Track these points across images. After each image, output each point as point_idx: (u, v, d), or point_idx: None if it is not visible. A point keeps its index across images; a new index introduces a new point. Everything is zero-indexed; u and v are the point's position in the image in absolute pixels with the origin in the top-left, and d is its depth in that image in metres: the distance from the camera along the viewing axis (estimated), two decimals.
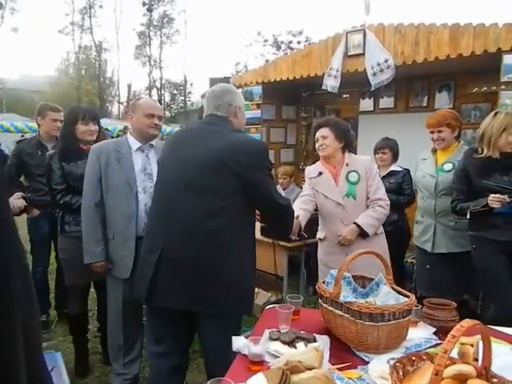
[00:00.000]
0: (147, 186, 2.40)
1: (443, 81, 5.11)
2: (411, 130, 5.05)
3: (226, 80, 6.38)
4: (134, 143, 2.46)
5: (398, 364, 1.20)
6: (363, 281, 1.83)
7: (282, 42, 27.53)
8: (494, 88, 4.22)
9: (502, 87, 3.76)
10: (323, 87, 5.01)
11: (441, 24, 4.15)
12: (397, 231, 3.51)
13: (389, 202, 2.70)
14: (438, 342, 1.56)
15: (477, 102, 4.80)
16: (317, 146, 2.77)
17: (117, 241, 2.41)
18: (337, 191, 2.69)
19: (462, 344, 1.44)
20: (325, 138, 2.70)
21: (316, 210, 2.84)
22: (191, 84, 32.82)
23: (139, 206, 2.37)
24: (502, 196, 2.49)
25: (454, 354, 1.44)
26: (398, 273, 3.67)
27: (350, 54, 4.82)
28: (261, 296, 3.49)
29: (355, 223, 2.62)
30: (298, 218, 2.51)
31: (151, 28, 32.46)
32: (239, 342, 1.55)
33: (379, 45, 4.58)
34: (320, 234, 2.86)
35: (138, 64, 32.84)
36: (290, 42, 27.30)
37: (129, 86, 33.46)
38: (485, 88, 4.72)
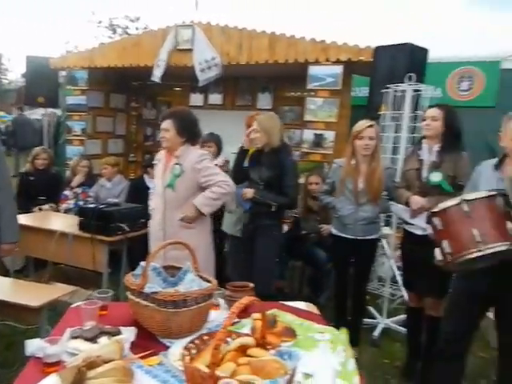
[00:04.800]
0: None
1: (265, 83, 5.58)
2: (237, 127, 5.39)
3: (45, 60, 5.75)
4: None
5: (190, 344, 1.29)
6: (173, 270, 1.89)
7: (118, 26, 26.06)
8: (301, 94, 4.81)
9: (307, 94, 4.31)
10: (152, 77, 4.97)
11: (261, 31, 4.51)
12: (216, 220, 3.72)
13: (230, 183, 2.74)
14: (236, 320, 1.72)
15: (291, 105, 5.39)
16: (160, 135, 2.79)
17: None
18: (161, 181, 2.75)
19: (255, 319, 1.61)
20: (166, 131, 2.72)
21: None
22: (8, 59, 28.51)
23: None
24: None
25: (248, 329, 1.62)
26: (220, 260, 3.90)
27: (179, 47, 4.88)
28: (80, 294, 3.27)
29: (193, 203, 2.68)
30: None
31: None
32: (33, 346, 1.44)
33: (207, 42, 4.74)
34: None
35: None
36: (127, 28, 26.03)
37: None
38: (299, 93, 5.29)
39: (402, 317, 3.42)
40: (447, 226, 1.90)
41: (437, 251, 1.94)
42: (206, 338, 1.32)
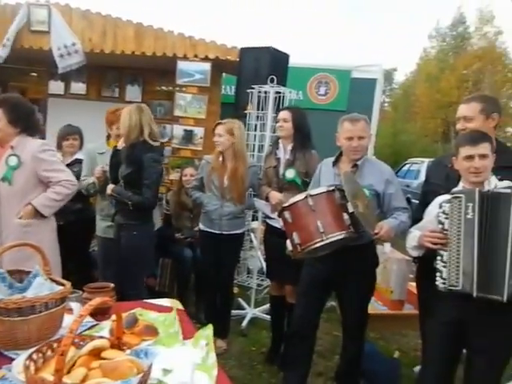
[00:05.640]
0: None
1: (133, 75, 5.36)
2: (103, 121, 5.08)
3: None
4: None
5: (36, 353, 1.19)
6: (21, 275, 1.71)
7: None
8: (172, 88, 4.76)
9: (177, 89, 4.27)
10: None
11: (127, 20, 4.32)
12: (82, 220, 3.47)
13: (74, 182, 2.60)
14: (94, 323, 1.64)
15: (162, 99, 5.28)
16: None
17: None
18: None
19: (114, 321, 1.55)
20: None
21: None
22: None
23: None
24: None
25: (107, 331, 1.55)
26: (84, 262, 3.66)
27: (33, 29, 4.41)
28: None
29: (31, 204, 2.46)
30: None
31: None
32: None
33: (66, 26, 4.37)
34: None
35: None
36: None
37: None
38: (170, 88, 5.20)
39: (268, 306, 3.64)
40: (296, 219, 2.07)
41: (288, 242, 2.11)
42: (55, 345, 1.23)
